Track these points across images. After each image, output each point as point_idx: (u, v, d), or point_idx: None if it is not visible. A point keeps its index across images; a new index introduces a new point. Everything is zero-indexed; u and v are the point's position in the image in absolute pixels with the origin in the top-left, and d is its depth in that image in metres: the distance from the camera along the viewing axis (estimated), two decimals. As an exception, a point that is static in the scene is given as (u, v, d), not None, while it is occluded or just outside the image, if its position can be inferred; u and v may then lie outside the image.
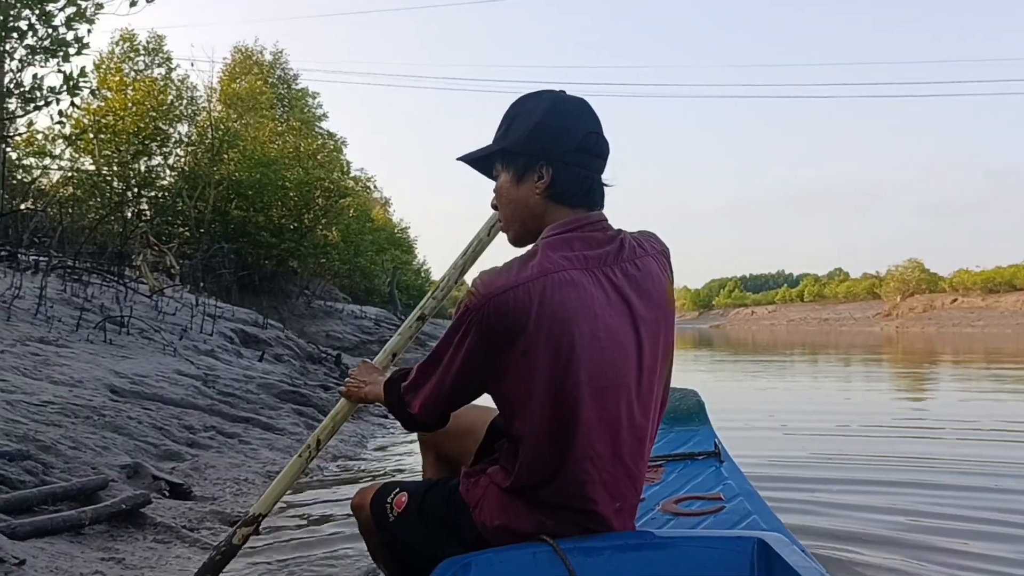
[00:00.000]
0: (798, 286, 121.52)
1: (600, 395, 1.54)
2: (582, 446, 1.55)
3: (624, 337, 1.56)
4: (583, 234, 1.59)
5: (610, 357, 1.54)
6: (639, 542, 1.61)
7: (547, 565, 1.52)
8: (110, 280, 7.72)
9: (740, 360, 18.04)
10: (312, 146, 23.44)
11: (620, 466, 1.61)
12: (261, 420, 5.18)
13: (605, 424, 1.56)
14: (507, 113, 1.69)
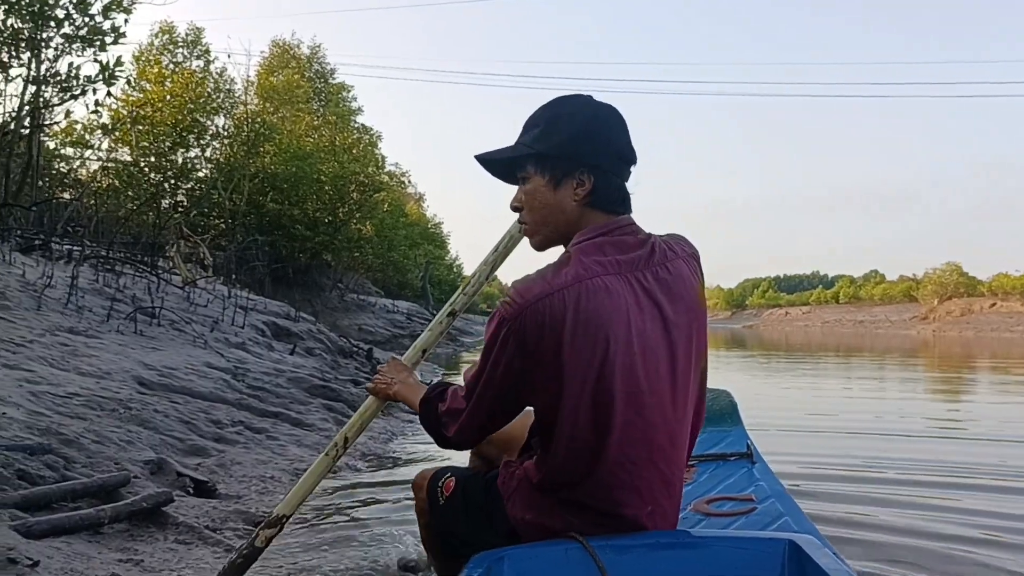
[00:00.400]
0: (833, 287, 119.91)
1: (634, 400, 1.54)
2: (615, 450, 1.55)
3: (657, 342, 1.56)
4: (614, 238, 1.59)
5: (643, 362, 1.54)
6: (670, 541, 1.62)
7: (578, 562, 1.52)
8: (143, 271, 7.69)
9: (773, 361, 17.70)
10: (347, 140, 23.45)
11: (654, 470, 1.60)
12: (290, 415, 5.08)
13: (638, 429, 1.56)
14: (540, 116, 1.65)
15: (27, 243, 7.16)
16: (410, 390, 1.94)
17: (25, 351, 4.44)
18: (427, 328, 2.11)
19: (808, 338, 39.41)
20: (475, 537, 1.74)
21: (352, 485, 4.02)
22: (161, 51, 22.45)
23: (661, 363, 1.57)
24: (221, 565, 2.61)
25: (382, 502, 3.72)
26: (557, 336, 1.49)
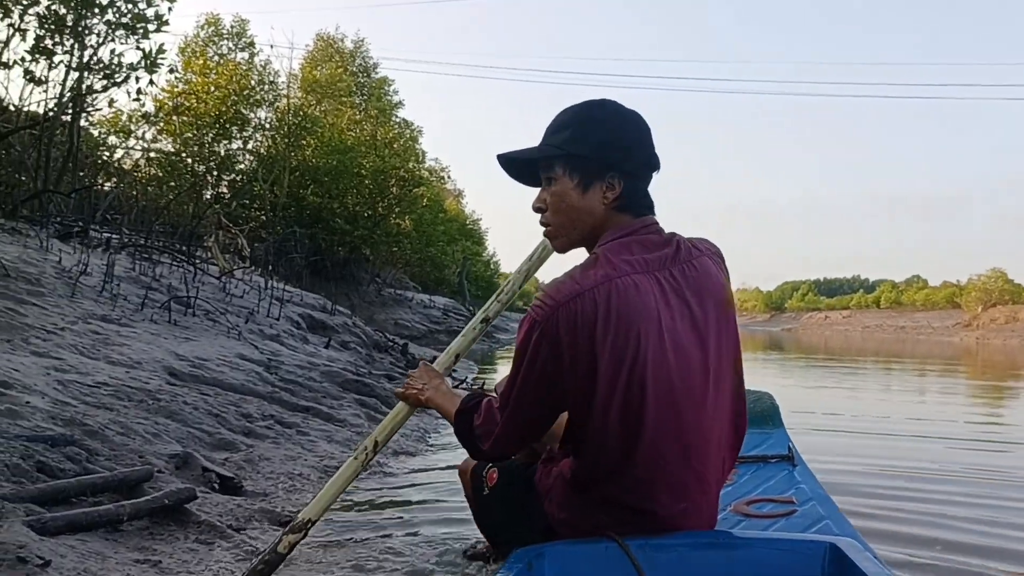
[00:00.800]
0: (874, 292, 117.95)
1: (666, 396, 1.54)
2: (648, 447, 1.56)
3: (687, 338, 1.57)
4: (640, 237, 1.60)
5: (675, 358, 1.54)
6: (709, 541, 1.62)
7: (617, 560, 1.52)
8: (180, 260, 7.65)
9: (812, 365, 17.29)
10: (388, 134, 23.44)
11: (687, 468, 1.60)
12: (322, 410, 4.97)
13: (671, 426, 1.56)
14: (569, 118, 1.66)
15: (65, 230, 7.14)
16: (444, 398, 1.93)
17: (56, 339, 4.38)
18: (460, 334, 2.09)
19: (848, 343, 38.68)
20: (513, 531, 1.76)
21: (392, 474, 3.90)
22: (207, 43, 22.62)
23: (693, 359, 1.57)
24: (242, 570, 2.50)
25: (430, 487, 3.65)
26: (589, 335, 1.50)
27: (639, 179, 1.64)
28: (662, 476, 1.59)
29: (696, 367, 1.58)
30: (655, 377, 1.53)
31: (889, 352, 27.73)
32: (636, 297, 1.53)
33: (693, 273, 1.61)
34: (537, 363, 1.54)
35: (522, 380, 1.58)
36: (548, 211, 1.69)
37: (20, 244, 6.15)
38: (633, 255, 1.57)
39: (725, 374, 1.64)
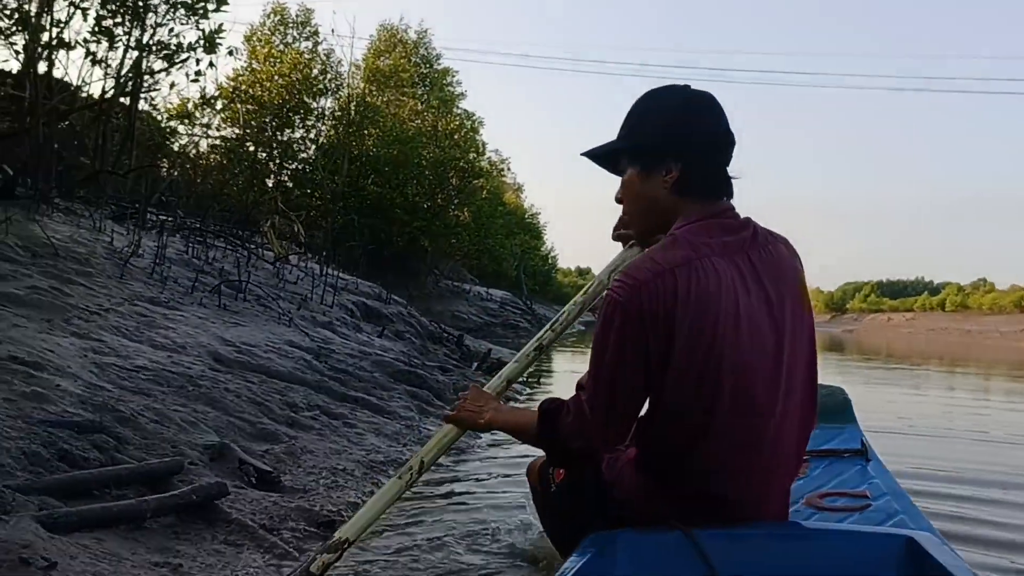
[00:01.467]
0: (939, 294, 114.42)
1: (741, 381, 1.53)
2: (720, 432, 1.55)
3: (763, 323, 1.56)
4: (718, 221, 1.60)
5: (751, 343, 1.53)
6: (782, 533, 1.60)
7: (689, 549, 1.50)
8: (235, 244, 7.53)
9: (874, 367, 16.54)
10: (450, 125, 23.30)
11: (758, 455, 1.58)
12: (371, 401, 4.75)
13: (744, 411, 1.55)
14: (632, 109, 1.70)
15: (121, 212, 7.06)
16: (510, 414, 1.90)
17: (99, 320, 4.22)
18: (514, 359, 2.07)
19: (911, 346, 37.21)
20: (581, 524, 1.72)
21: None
22: (272, 32, 22.72)
23: (768, 345, 1.56)
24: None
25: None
26: (669, 315, 1.50)
27: (702, 161, 1.62)
28: (734, 462, 1.58)
29: (770, 353, 1.56)
30: (731, 361, 1.52)
31: (954, 356, 26.58)
32: (716, 280, 1.52)
33: (769, 258, 1.61)
34: (626, 344, 1.53)
35: (612, 364, 1.55)
36: (623, 202, 1.75)
37: (74, 224, 6.07)
38: (712, 238, 1.57)
39: (799, 362, 1.62)
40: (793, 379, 1.60)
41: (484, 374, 8.19)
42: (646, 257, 1.59)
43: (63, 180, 6.91)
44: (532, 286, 36.52)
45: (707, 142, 1.63)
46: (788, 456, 1.65)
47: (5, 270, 4.42)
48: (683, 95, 1.66)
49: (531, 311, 25.36)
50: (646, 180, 1.66)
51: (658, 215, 1.66)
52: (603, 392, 1.58)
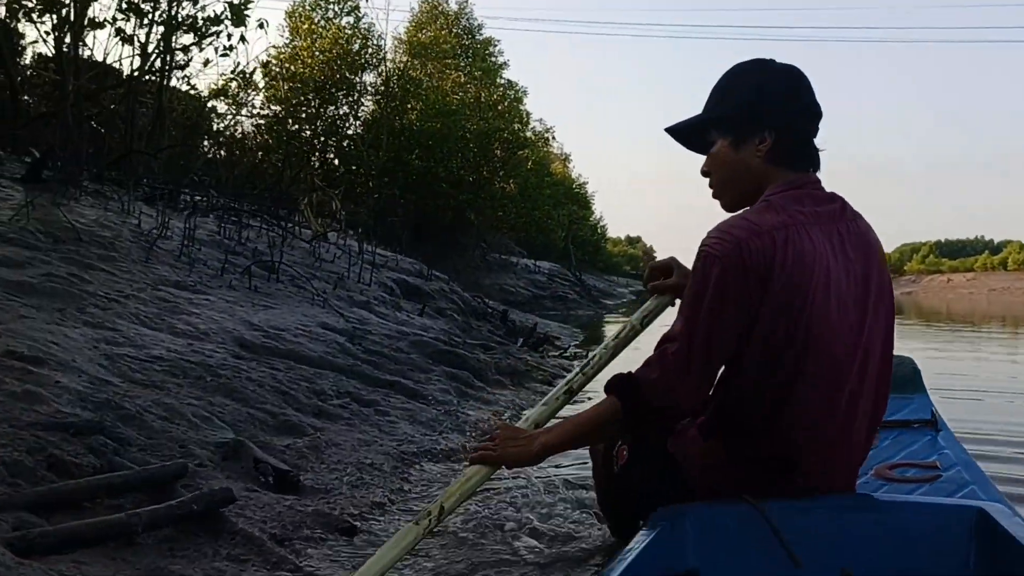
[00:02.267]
0: (1000, 253, 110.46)
1: (825, 349, 1.55)
2: (798, 397, 1.57)
3: (849, 295, 1.58)
4: (808, 191, 1.64)
5: (837, 313, 1.56)
6: (852, 504, 1.61)
7: (760, 521, 1.50)
8: (270, 223, 7.32)
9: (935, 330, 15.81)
10: (493, 96, 22.89)
11: (832, 423, 1.60)
12: (406, 385, 4.47)
13: (823, 379, 1.57)
14: (720, 82, 1.74)
15: (154, 193, 6.88)
16: (562, 427, 1.81)
17: (117, 307, 4.01)
18: (541, 403, 1.96)
19: (972, 307, 35.79)
20: (652, 499, 1.69)
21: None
22: (313, 7, 22.49)
23: (851, 317, 1.58)
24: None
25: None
26: (766, 274, 1.52)
27: (793, 131, 1.67)
28: (809, 431, 1.59)
29: (853, 325, 1.59)
30: (818, 329, 1.54)
31: (1019, 317, 25.44)
32: (810, 247, 1.55)
33: (857, 231, 1.64)
34: (726, 295, 1.54)
35: (708, 321, 1.55)
36: (711, 173, 1.76)
37: (101, 208, 5.89)
38: (804, 207, 1.60)
39: (877, 336, 1.64)
40: (871, 352, 1.62)
41: (530, 350, 7.91)
42: (740, 217, 1.60)
43: (93, 162, 6.74)
44: (581, 256, 36.07)
45: (799, 112, 1.68)
46: (860, 428, 1.65)
47: (23, 257, 4.23)
48: (774, 66, 1.71)
49: (580, 282, 25.00)
50: (739, 149, 1.69)
51: (748, 183, 1.69)
52: (700, 345, 1.56)
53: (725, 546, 1.53)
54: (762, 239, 1.52)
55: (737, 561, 1.53)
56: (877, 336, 1.64)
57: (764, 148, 1.65)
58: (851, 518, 1.55)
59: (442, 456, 3.56)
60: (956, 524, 1.50)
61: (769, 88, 1.68)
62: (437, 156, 20.26)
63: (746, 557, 1.52)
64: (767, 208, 1.60)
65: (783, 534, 1.48)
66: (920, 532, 1.51)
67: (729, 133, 1.70)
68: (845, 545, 1.51)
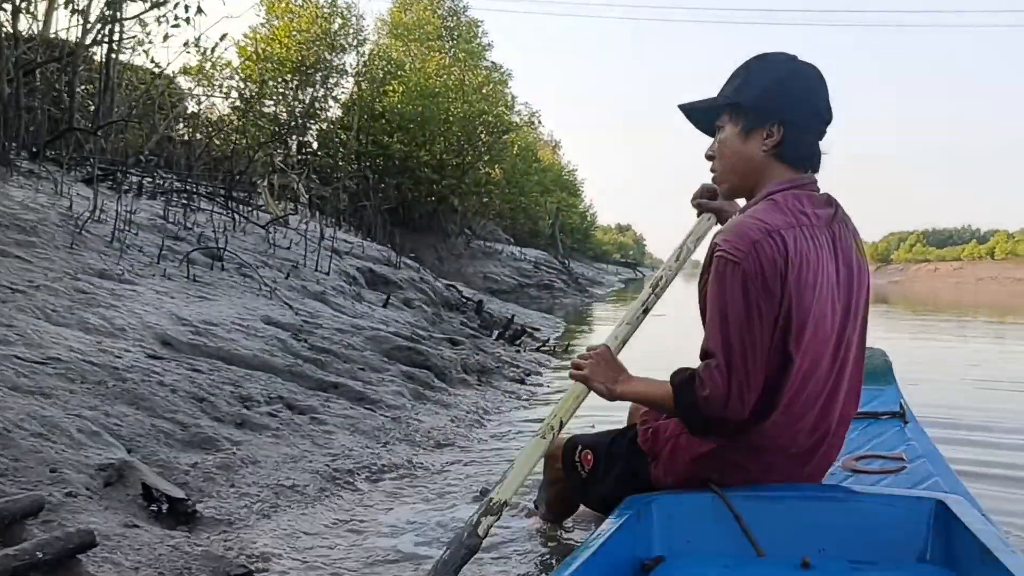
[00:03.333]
0: (987, 242, 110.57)
1: (820, 346, 1.63)
2: (791, 396, 1.62)
3: (837, 295, 1.65)
4: (808, 193, 1.69)
5: (829, 313, 1.63)
6: (816, 494, 1.65)
7: (723, 510, 1.56)
8: (225, 206, 6.83)
9: (920, 319, 15.45)
10: (477, 79, 22.31)
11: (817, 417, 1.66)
12: (353, 388, 4.02)
13: (813, 375, 1.63)
14: (741, 69, 1.75)
15: (98, 172, 6.36)
16: (641, 386, 1.84)
17: (20, 300, 3.53)
18: (624, 322, 2.05)
19: (959, 296, 35.50)
20: (621, 493, 1.76)
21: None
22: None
23: (838, 315, 1.66)
24: None
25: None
26: (780, 274, 1.57)
27: (803, 130, 1.69)
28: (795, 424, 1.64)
29: (839, 324, 1.66)
30: (817, 326, 1.61)
31: (1006, 307, 25.08)
32: (813, 248, 1.61)
33: (846, 234, 1.70)
34: (751, 302, 1.57)
35: (740, 324, 1.58)
36: (716, 158, 1.80)
37: (32, 188, 5.39)
38: (805, 208, 1.65)
39: (856, 333, 1.71)
40: (849, 350, 1.69)
41: (506, 344, 7.47)
42: (752, 217, 1.63)
43: (30, 140, 6.23)
44: (570, 244, 35.63)
45: (811, 112, 1.70)
46: (836, 422, 1.71)
47: (-81, 243, 3.75)
48: (794, 63, 1.72)
49: (567, 270, 24.55)
50: (746, 139, 1.71)
51: (749, 175, 1.73)
52: (739, 359, 1.58)
53: (690, 534, 1.58)
54: (775, 240, 1.57)
55: (702, 549, 1.57)
56: (856, 333, 1.71)
57: (771, 142, 1.68)
58: (814, 508, 1.59)
59: (383, 473, 3.12)
60: (916, 515, 1.54)
61: (789, 84, 1.69)
62: (419, 140, 19.75)
63: (711, 545, 1.57)
64: (774, 207, 1.63)
65: (747, 523, 1.54)
66: (881, 522, 1.55)
67: (740, 121, 1.72)
68: (808, 534, 1.55)
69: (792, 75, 1.69)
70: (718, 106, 1.76)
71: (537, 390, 5.37)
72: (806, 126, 1.69)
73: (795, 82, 1.69)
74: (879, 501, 1.60)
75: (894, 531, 1.53)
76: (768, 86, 1.68)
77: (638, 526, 1.54)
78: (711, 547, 1.55)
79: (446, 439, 3.73)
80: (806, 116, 1.69)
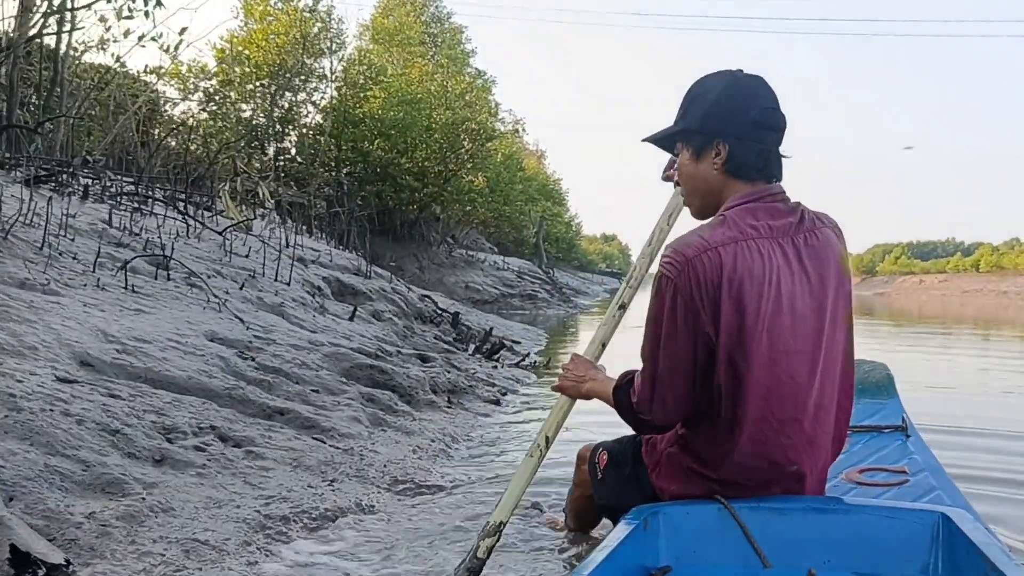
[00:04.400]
0: (972, 255, 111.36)
1: (782, 359, 1.61)
2: (760, 407, 1.62)
3: (805, 305, 1.64)
4: (766, 204, 1.68)
5: (792, 323, 1.62)
6: (820, 507, 1.65)
7: (728, 521, 1.58)
8: (181, 211, 6.36)
9: (908, 331, 15.11)
10: (460, 85, 21.87)
11: (799, 430, 1.65)
12: (302, 413, 3.56)
13: (785, 388, 1.62)
14: (686, 96, 1.79)
15: (43, 173, 5.88)
16: (603, 385, 1.93)
17: (-90, 313, 3.05)
18: (601, 324, 2.11)
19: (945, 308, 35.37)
20: (625, 500, 1.80)
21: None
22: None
23: (809, 326, 1.64)
24: None
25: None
26: (714, 291, 1.58)
27: (748, 141, 1.69)
28: (774, 436, 1.64)
29: (813, 334, 1.64)
30: (771, 339, 1.60)
31: (991, 319, 24.82)
32: (759, 261, 1.61)
33: (815, 243, 1.68)
34: (678, 318, 1.61)
35: (667, 338, 1.63)
36: (679, 184, 1.89)
37: (-40, 189, 4.90)
38: (758, 221, 1.65)
39: (837, 344, 1.69)
40: (831, 361, 1.68)
41: (484, 359, 7.04)
42: (694, 235, 1.66)
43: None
44: (555, 254, 35.22)
45: (751, 123, 1.69)
46: (827, 434, 1.71)
47: None
48: (730, 79, 1.73)
49: (551, 280, 24.14)
50: (698, 162, 1.76)
51: (710, 194, 1.76)
52: (664, 370, 1.64)
53: (697, 545, 1.59)
54: (710, 256, 1.58)
55: (708, 559, 1.58)
56: (838, 344, 1.69)
57: (719, 161, 1.70)
58: (819, 520, 1.60)
59: (325, 519, 2.66)
60: (920, 528, 1.54)
61: (725, 102, 1.70)
62: (400, 146, 19.30)
63: (717, 556, 1.58)
64: (721, 223, 1.65)
65: (753, 533, 1.54)
66: (886, 535, 1.55)
67: (690, 145, 1.76)
68: (813, 546, 1.56)
69: (726, 92, 1.70)
70: (671, 136, 1.81)
71: (512, 412, 4.93)
72: (751, 137, 1.69)
73: (730, 99, 1.70)
74: (884, 514, 1.60)
75: (899, 544, 1.54)
76: (708, 108, 1.71)
77: (645, 535, 1.56)
78: (717, 557, 1.57)
79: (404, 474, 3.27)
80: (746, 128, 1.69)
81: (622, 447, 2.02)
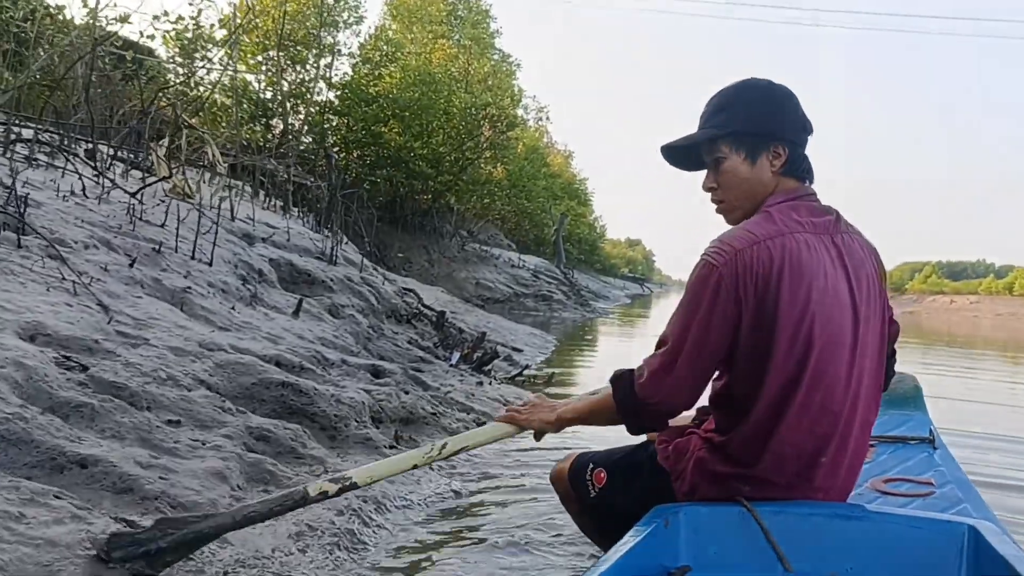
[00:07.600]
0: (1005, 277, 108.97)
1: (828, 353, 1.60)
2: (802, 403, 1.59)
3: (845, 299, 1.63)
4: (806, 203, 1.70)
5: (834, 316, 1.61)
6: (845, 513, 1.61)
7: (750, 523, 1.54)
8: (88, 163, 5.03)
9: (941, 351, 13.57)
10: (483, 68, 20.52)
11: (831, 429, 1.61)
12: (119, 468, 2.18)
13: (827, 379, 1.60)
14: (724, 100, 1.76)
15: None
16: (579, 404, 1.92)
17: None
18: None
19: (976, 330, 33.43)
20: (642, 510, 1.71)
21: None
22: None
23: (846, 320, 1.63)
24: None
25: None
26: (766, 283, 1.57)
27: (798, 144, 1.74)
28: (811, 427, 1.60)
29: (849, 330, 1.62)
30: (822, 331, 1.58)
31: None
32: (808, 252, 1.61)
33: (851, 243, 1.69)
34: (717, 307, 1.58)
35: (700, 326, 1.60)
36: (720, 188, 1.77)
37: None
38: (801, 217, 1.67)
39: (870, 345, 1.66)
40: (864, 360, 1.65)
41: (471, 371, 5.68)
42: (742, 228, 1.65)
43: None
44: (577, 255, 33.78)
45: (800, 127, 1.75)
46: (855, 436, 1.67)
47: None
48: (768, 84, 1.77)
49: (569, 281, 22.71)
50: (753, 163, 1.72)
51: (758, 198, 1.72)
52: (690, 349, 1.60)
53: (717, 546, 1.57)
54: (760, 249, 1.59)
55: (728, 561, 1.56)
56: (870, 346, 1.67)
57: (779, 162, 1.71)
58: (843, 526, 1.55)
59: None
60: (946, 540, 1.50)
61: (778, 105, 1.74)
62: (415, 129, 17.98)
63: (738, 558, 1.55)
64: (767, 219, 1.65)
65: (774, 537, 1.52)
66: (911, 545, 1.51)
67: (743, 148, 1.73)
68: (835, 552, 1.53)
69: (779, 97, 1.74)
70: (717, 137, 1.74)
71: (489, 456, 3.56)
72: (800, 140, 1.74)
73: (784, 102, 1.74)
74: (910, 523, 1.55)
75: (924, 554, 1.49)
76: (764, 109, 1.72)
77: (665, 535, 1.54)
78: (738, 559, 1.53)
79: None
80: (798, 132, 1.74)
81: (628, 457, 1.94)
